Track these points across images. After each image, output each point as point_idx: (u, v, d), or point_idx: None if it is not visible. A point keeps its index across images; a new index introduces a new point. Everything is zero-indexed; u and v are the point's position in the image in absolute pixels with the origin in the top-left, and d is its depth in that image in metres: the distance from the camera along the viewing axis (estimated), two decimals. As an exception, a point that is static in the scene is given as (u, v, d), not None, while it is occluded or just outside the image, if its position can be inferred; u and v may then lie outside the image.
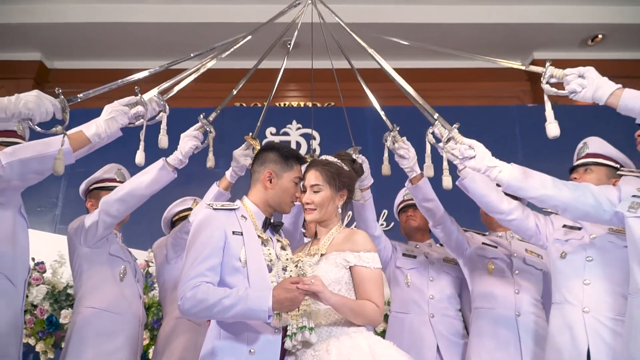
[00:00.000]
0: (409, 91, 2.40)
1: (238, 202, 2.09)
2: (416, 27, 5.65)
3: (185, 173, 2.56)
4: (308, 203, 2.08)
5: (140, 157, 2.08)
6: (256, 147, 2.42)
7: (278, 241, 2.12)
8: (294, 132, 5.16)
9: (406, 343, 2.66)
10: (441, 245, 2.96)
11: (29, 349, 3.83)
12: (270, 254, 2.00)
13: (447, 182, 2.13)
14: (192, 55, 2.42)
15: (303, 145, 5.12)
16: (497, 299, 2.65)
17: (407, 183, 2.62)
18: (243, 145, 2.49)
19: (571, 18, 5.60)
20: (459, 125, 2.19)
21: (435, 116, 2.24)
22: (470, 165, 2.08)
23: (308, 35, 2.94)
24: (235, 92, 2.68)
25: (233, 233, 1.96)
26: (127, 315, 2.50)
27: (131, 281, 2.58)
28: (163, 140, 2.16)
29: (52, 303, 3.99)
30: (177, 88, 2.27)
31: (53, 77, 6.15)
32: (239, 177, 2.52)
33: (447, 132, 2.17)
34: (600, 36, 5.78)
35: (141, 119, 2.11)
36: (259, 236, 2.03)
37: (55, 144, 1.89)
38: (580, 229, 2.30)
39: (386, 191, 3.34)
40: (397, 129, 2.54)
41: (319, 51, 2.94)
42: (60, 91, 1.82)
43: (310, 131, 5.11)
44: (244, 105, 5.70)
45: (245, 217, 2.03)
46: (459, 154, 2.11)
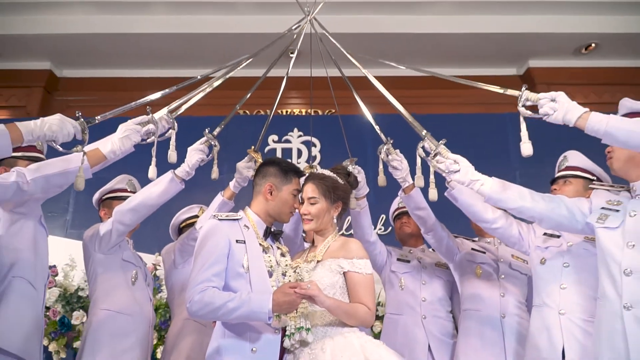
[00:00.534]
0: (400, 108, 2.54)
1: (241, 213, 2.25)
2: (414, 37, 5.77)
3: (190, 181, 2.69)
4: (305, 214, 2.24)
5: (152, 172, 2.24)
6: (258, 160, 2.56)
7: (278, 248, 2.27)
8: (295, 140, 5.29)
9: (400, 343, 2.81)
10: (433, 250, 3.10)
11: (42, 349, 4.01)
12: (270, 261, 2.16)
13: (433, 195, 2.30)
14: (199, 77, 2.57)
15: (304, 152, 5.25)
16: (484, 302, 2.79)
17: (400, 192, 2.76)
18: (246, 157, 2.62)
19: (565, 27, 5.71)
20: (446, 141, 2.34)
21: (423, 133, 2.39)
22: (455, 178, 2.24)
23: (308, 44, 3.05)
24: (238, 108, 2.84)
25: (236, 241, 2.11)
26: (139, 317, 2.65)
27: (142, 285, 2.74)
28: (172, 155, 2.31)
29: (64, 305, 4.15)
30: (185, 107, 2.44)
31: (62, 86, 6.28)
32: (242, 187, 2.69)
33: (435, 148, 2.33)
34: (593, 45, 5.88)
35: (152, 136, 2.28)
36: (260, 244, 2.18)
37: (75, 161, 2.06)
38: (559, 237, 2.45)
39: (384, 197, 3.47)
40: (391, 142, 2.67)
41: (320, 60, 3.04)
42: (80, 114, 1.98)
43: (312, 139, 5.27)
44: (247, 112, 5.83)
45: (247, 227, 2.19)
46: (445, 168, 2.26)
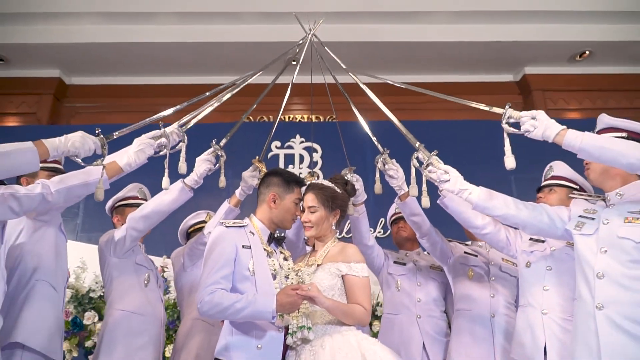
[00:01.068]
0: (394, 120, 2.69)
1: (246, 220, 2.40)
2: (414, 45, 5.91)
3: (196, 188, 2.81)
4: (306, 221, 2.40)
5: (165, 183, 2.39)
6: (262, 170, 2.72)
7: (281, 253, 2.43)
8: (298, 146, 5.45)
9: (396, 341, 2.98)
10: (428, 254, 3.25)
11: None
12: (274, 265, 2.31)
13: (425, 202, 2.45)
14: (207, 93, 2.74)
15: (306, 158, 5.40)
16: (475, 302, 2.94)
17: (397, 199, 2.91)
18: (251, 167, 2.76)
19: (560, 36, 5.83)
20: (438, 152, 2.49)
21: (417, 144, 2.54)
22: (445, 187, 2.40)
23: (309, 53, 3.21)
24: (244, 118, 3.00)
25: (243, 247, 2.26)
26: (151, 317, 2.81)
27: (154, 287, 2.90)
28: (182, 167, 2.45)
29: (77, 306, 4.32)
30: (194, 121, 2.60)
31: (71, 93, 6.42)
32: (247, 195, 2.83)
33: (427, 159, 2.48)
34: (587, 52, 6.01)
35: (164, 149, 2.45)
36: (265, 249, 2.34)
37: (94, 173, 2.22)
38: (543, 242, 2.60)
39: (383, 203, 3.60)
40: (387, 152, 2.83)
41: (321, 67, 3.19)
42: (99, 131, 2.15)
43: (313, 145, 5.42)
44: (251, 119, 5.98)
45: (253, 233, 2.34)
46: (437, 178, 2.42)
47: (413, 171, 2.59)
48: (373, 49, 5.96)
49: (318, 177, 2.66)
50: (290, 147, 5.48)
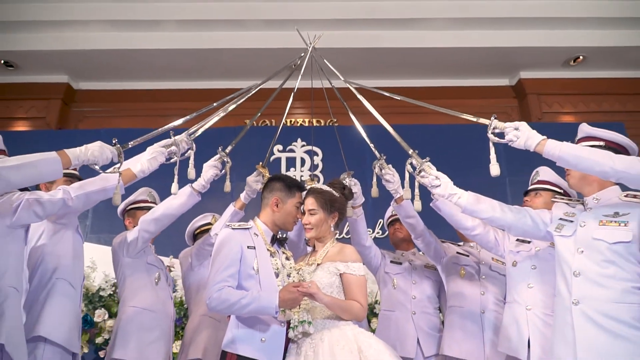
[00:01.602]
0: (390, 130, 2.86)
1: (251, 222, 2.56)
2: (412, 51, 6.07)
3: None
4: (307, 224, 2.57)
5: (175, 188, 2.56)
6: (266, 175, 2.89)
7: (283, 253, 2.59)
8: (299, 149, 5.61)
9: (392, 336, 3.14)
10: (423, 253, 3.41)
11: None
12: (277, 264, 2.46)
13: (418, 205, 2.61)
14: (215, 104, 2.90)
15: (307, 161, 5.56)
16: (466, 299, 3.11)
17: (393, 202, 3.07)
18: (255, 172, 2.92)
19: (554, 41, 5.99)
20: (429, 159, 2.65)
21: (410, 152, 2.71)
22: (436, 192, 2.56)
23: (311, 60, 3.31)
24: (248, 126, 3.15)
25: (248, 247, 2.41)
26: (162, 313, 2.98)
27: (164, 285, 3.07)
28: (191, 173, 2.61)
29: (87, 304, 4.49)
30: (201, 130, 2.77)
31: (79, 97, 6.60)
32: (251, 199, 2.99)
33: (420, 165, 2.64)
34: (581, 57, 6.17)
35: (175, 157, 2.62)
36: (268, 249, 2.49)
37: (111, 180, 2.39)
38: (529, 243, 2.77)
39: (381, 205, 3.76)
40: (384, 158, 2.98)
41: (322, 73, 3.32)
42: (116, 140, 2.33)
43: (314, 148, 5.59)
44: (254, 123, 6.14)
45: (257, 235, 2.50)
46: (428, 183, 2.59)
47: (407, 176, 2.76)
48: (373, 55, 6.13)
49: (318, 181, 2.82)
50: (291, 151, 5.64)
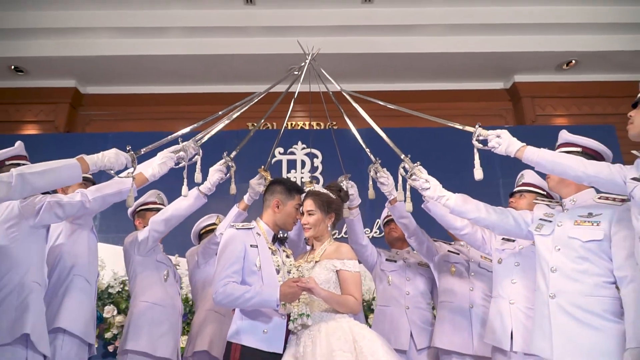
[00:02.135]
0: (383, 136, 3.04)
1: (254, 223, 2.74)
2: (409, 56, 6.27)
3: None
4: (305, 224, 2.75)
5: (185, 191, 2.75)
6: (267, 178, 3.06)
7: (284, 251, 2.78)
8: (299, 152, 5.78)
9: (387, 329, 3.31)
10: (416, 252, 3.58)
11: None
12: (277, 261, 2.64)
13: (408, 207, 2.79)
14: (220, 113, 3.09)
15: (307, 163, 5.73)
16: (456, 295, 3.29)
17: (387, 204, 3.24)
18: (257, 176, 3.09)
19: (547, 46, 6.18)
20: (420, 163, 2.84)
21: (402, 156, 2.89)
22: (426, 194, 2.75)
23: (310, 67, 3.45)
24: (252, 133, 3.33)
25: (251, 246, 2.59)
26: (171, 307, 3.15)
27: (172, 281, 3.25)
28: (198, 177, 2.79)
29: (97, 300, 4.67)
30: (207, 137, 2.96)
31: (86, 101, 6.81)
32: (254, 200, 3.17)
33: (411, 169, 2.82)
34: (573, 61, 6.37)
35: (183, 162, 2.81)
36: (270, 248, 2.67)
37: (126, 183, 2.58)
38: (514, 241, 2.96)
39: (379, 206, 3.93)
40: (379, 162, 3.14)
41: (323, 77, 3.44)
42: (129, 148, 2.53)
43: (314, 151, 5.77)
44: (255, 125, 6.32)
45: (259, 234, 2.69)
46: (419, 186, 2.77)
47: (400, 179, 2.94)
48: (372, 60, 6.31)
49: (317, 182, 3.01)
50: (292, 153, 5.81)
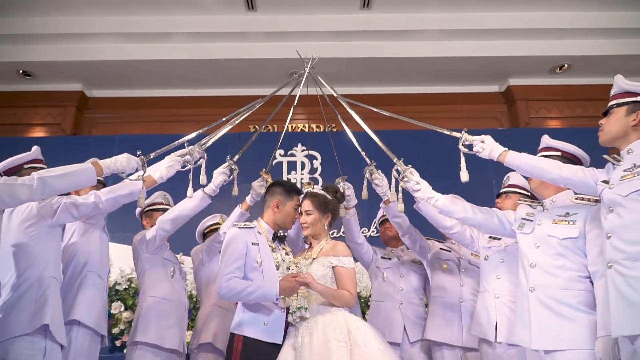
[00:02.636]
0: (376, 139, 3.21)
1: (255, 222, 2.91)
2: (406, 60, 6.40)
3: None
4: (304, 223, 2.93)
5: (190, 192, 2.92)
6: (268, 180, 3.25)
7: (283, 249, 2.95)
8: (299, 154, 5.95)
9: (381, 323, 3.48)
10: (410, 250, 3.77)
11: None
12: (277, 258, 2.81)
13: (401, 207, 2.94)
14: (224, 119, 3.27)
15: (307, 165, 5.90)
16: (447, 290, 3.46)
17: (382, 204, 3.40)
18: (259, 178, 3.28)
19: (541, 50, 6.31)
20: (411, 166, 3.00)
21: (394, 160, 3.06)
22: (417, 195, 2.93)
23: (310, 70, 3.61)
24: (254, 138, 3.51)
25: (252, 244, 2.77)
26: (177, 302, 3.32)
27: (178, 278, 3.43)
28: (203, 179, 2.98)
29: (106, 296, 4.84)
30: (211, 142, 3.14)
31: (92, 105, 6.96)
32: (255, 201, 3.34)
33: (403, 171, 2.99)
34: (566, 65, 6.51)
35: (189, 165, 2.98)
36: (270, 246, 2.84)
37: (137, 184, 2.75)
38: (500, 239, 3.13)
39: (376, 205, 4.08)
40: (374, 164, 3.31)
41: (323, 81, 3.60)
42: (140, 152, 2.71)
43: (314, 153, 5.95)
44: (256, 129, 6.48)
45: (260, 233, 2.86)
46: (410, 187, 2.94)
47: (393, 181, 3.11)
48: (370, 64, 6.46)
49: (316, 183, 3.18)
50: (292, 155, 5.98)
